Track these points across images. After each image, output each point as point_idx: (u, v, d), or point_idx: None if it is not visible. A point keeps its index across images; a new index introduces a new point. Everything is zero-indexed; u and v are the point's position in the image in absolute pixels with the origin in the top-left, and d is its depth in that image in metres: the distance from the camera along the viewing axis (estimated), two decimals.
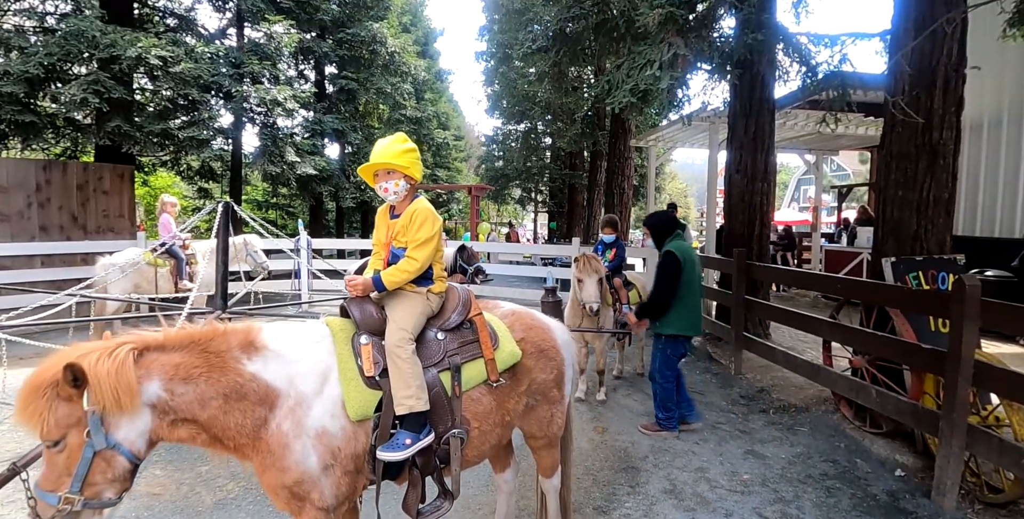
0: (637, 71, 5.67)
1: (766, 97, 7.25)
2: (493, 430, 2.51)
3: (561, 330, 2.90)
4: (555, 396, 2.76)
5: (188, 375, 1.97)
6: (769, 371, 6.19)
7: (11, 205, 8.80)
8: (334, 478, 2.12)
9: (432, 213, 2.50)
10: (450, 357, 2.43)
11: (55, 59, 8.89)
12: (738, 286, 6.19)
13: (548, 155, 22.96)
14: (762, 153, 7.27)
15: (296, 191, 16.13)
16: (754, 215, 7.35)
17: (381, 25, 15.38)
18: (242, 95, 11.07)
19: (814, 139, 11.29)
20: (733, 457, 4.24)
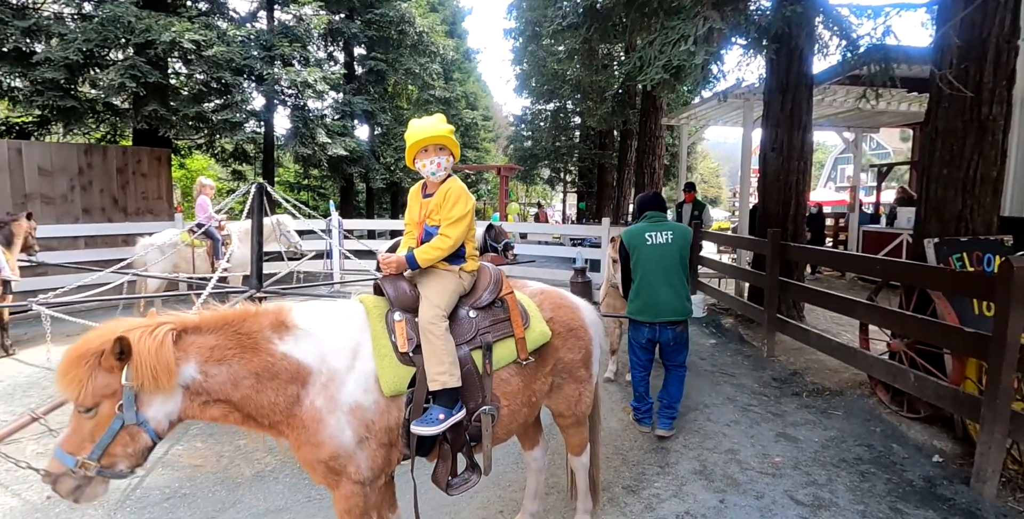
0: (670, 47, 5.52)
1: (804, 72, 7.01)
2: (521, 409, 2.55)
3: (589, 310, 2.92)
4: (582, 375, 2.78)
5: (222, 357, 2.03)
6: (803, 354, 6.10)
7: (55, 188, 9.10)
8: (369, 451, 2.18)
9: (465, 192, 2.52)
10: (482, 335, 2.45)
11: (93, 45, 9.06)
12: (772, 267, 6.08)
13: (577, 135, 22.68)
14: (799, 130, 7.06)
15: (327, 172, 16.31)
16: (789, 195, 7.17)
17: (409, 5, 15.28)
18: (273, 78, 11.16)
19: (853, 116, 10.91)
20: (765, 439, 4.20)
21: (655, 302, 4.13)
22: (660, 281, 4.14)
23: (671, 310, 4.11)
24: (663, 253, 4.15)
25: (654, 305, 4.14)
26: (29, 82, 9.48)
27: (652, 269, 4.17)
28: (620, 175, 18.51)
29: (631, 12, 7.77)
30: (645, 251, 4.21)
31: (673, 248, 4.16)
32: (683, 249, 4.17)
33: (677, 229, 4.23)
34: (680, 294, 4.13)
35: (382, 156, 15.95)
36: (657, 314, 4.13)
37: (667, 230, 4.21)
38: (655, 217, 4.32)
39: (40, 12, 10.36)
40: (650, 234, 4.21)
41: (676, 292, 4.12)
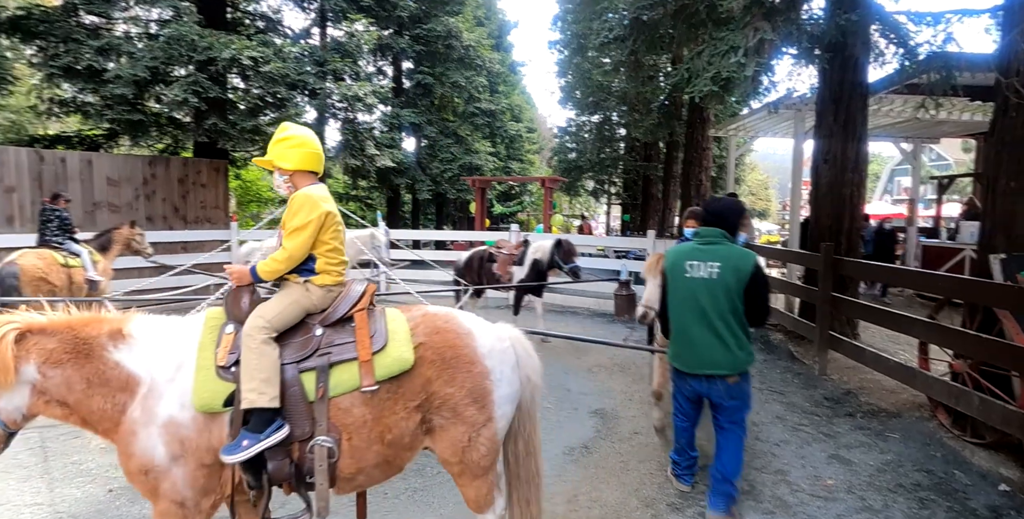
0: (719, 58, 5.46)
1: (858, 81, 6.82)
2: (371, 447, 2.23)
3: (492, 337, 2.44)
4: (473, 416, 2.30)
5: (59, 360, 2.08)
6: (857, 373, 5.87)
7: (122, 197, 9.59)
8: (187, 470, 2.08)
9: (310, 201, 2.33)
10: (320, 355, 2.24)
11: (159, 63, 9.55)
12: (824, 282, 5.89)
13: (622, 146, 22.57)
14: (853, 141, 6.86)
15: (375, 183, 16.67)
16: (843, 208, 6.96)
17: (456, 20, 15.58)
18: (325, 92, 11.52)
19: (911, 126, 10.53)
20: (816, 461, 4.06)
21: (692, 350, 3.22)
22: (697, 325, 3.16)
23: (713, 362, 3.14)
24: (703, 291, 3.13)
25: (691, 354, 3.22)
26: (100, 97, 10.04)
27: (686, 310, 3.21)
28: (666, 187, 18.30)
29: (678, 23, 7.74)
30: (680, 285, 3.23)
31: (718, 286, 3.09)
32: (734, 287, 3.07)
33: (729, 259, 3.10)
34: (727, 343, 3.11)
35: (428, 168, 16.22)
36: (695, 364, 3.21)
37: (714, 260, 3.11)
38: (708, 237, 3.19)
39: (112, 32, 11.00)
40: (691, 263, 3.18)
41: (721, 340, 3.11)
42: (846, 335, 6.23)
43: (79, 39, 9.95)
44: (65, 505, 3.37)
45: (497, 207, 23.36)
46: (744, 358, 3.17)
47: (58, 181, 8.91)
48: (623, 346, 4.69)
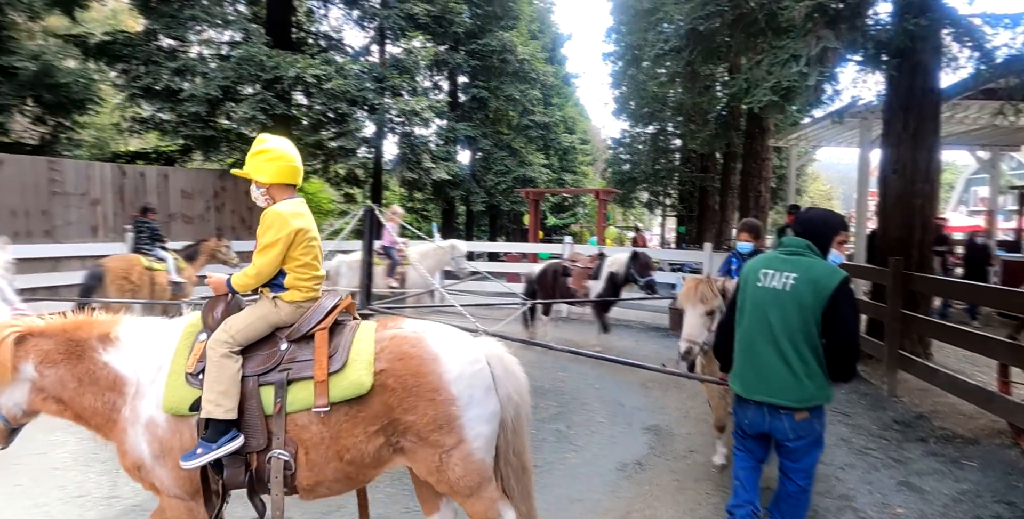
0: (779, 67, 5.33)
1: (929, 87, 6.51)
2: (328, 463, 2.26)
3: (462, 360, 2.36)
4: (441, 441, 2.26)
5: (53, 360, 2.27)
6: (929, 395, 5.55)
7: (194, 209, 10.13)
8: (168, 469, 2.22)
9: (280, 219, 2.34)
10: (280, 370, 2.27)
11: (230, 82, 10.09)
12: (893, 298, 5.62)
13: (677, 157, 22.25)
14: (924, 150, 6.54)
15: (430, 195, 16.99)
16: (913, 220, 6.63)
17: (511, 34, 15.79)
18: (384, 107, 11.88)
19: (988, 133, 9.97)
20: (884, 487, 3.86)
21: (755, 369, 2.71)
22: (764, 343, 2.68)
23: (775, 388, 2.62)
24: (773, 303, 2.65)
25: (752, 375, 2.72)
26: (176, 115, 10.67)
27: (754, 323, 2.73)
28: (723, 198, 17.90)
29: (735, 33, 7.61)
30: (750, 295, 2.76)
31: (790, 300, 2.60)
32: (810, 305, 2.56)
33: (810, 271, 2.60)
34: (794, 369, 2.58)
35: (482, 180, 16.43)
36: (755, 389, 2.70)
37: (791, 270, 2.64)
38: (792, 247, 2.75)
39: (187, 54, 11.69)
40: (766, 271, 2.72)
41: (787, 364, 2.59)
42: (917, 355, 5.91)
43: (158, 61, 10.62)
44: (139, 499, 3.55)
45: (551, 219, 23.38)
46: (814, 391, 2.58)
47: (138, 194, 9.49)
48: (662, 371, 4.04)
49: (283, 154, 2.44)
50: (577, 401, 5.71)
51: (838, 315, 2.55)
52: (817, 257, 2.69)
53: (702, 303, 3.73)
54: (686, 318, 3.77)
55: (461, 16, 14.99)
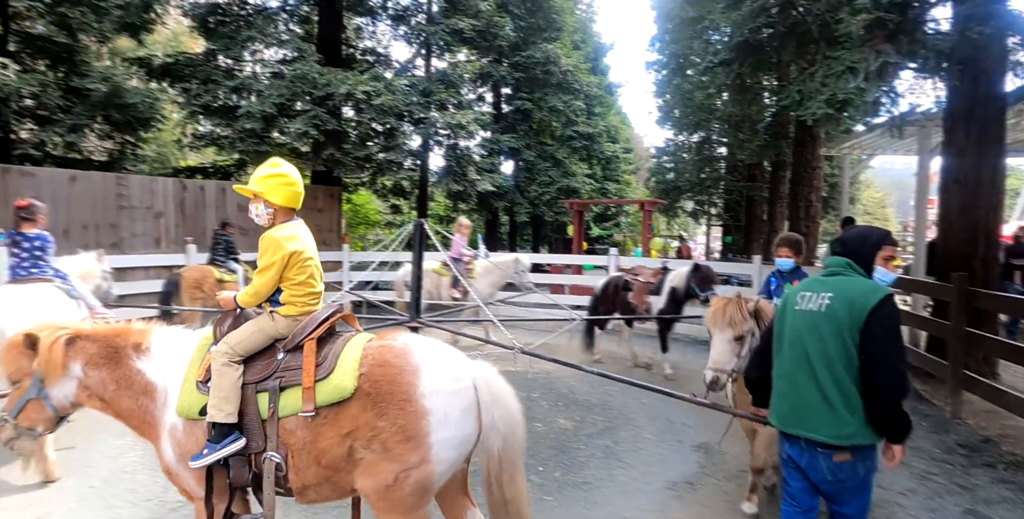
0: (834, 79, 5.21)
1: (993, 93, 6.24)
2: (309, 468, 2.37)
3: (443, 377, 2.39)
4: (403, 455, 2.27)
5: (97, 362, 2.54)
6: (997, 418, 5.30)
7: (249, 221, 10.47)
8: (190, 471, 2.41)
9: (275, 242, 2.51)
10: (275, 378, 2.43)
11: (284, 99, 10.47)
12: (957, 316, 5.39)
13: (723, 166, 21.88)
14: (988, 159, 6.28)
15: (474, 206, 17.17)
16: (977, 232, 6.36)
17: (554, 46, 15.89)
18: (430, 121, 12.11)
19: None
20: (949, 515, 3.70)
21: (792, 401, 2.45)
22: (801, 372, 2.40)
23: (809, 422, 2.35)
24: (808, 327, 2.40)
25: (790, 406, 2.46)
26: (233, 131, 11.11)
27: (791, 350, 2.47)
28: (771, 208, 17.49)
29: (786, 42, 7.48)
30: (787, 320, 2.52)
31: (825, 322, 2.33)
32: (847, 326, 2.28)
33: (846, 289, 2.35)
34: (831, 401, 2.30)
35: (526, 191, 16.52)
36: (790, 420, 2.44)
37: (828, 290, 2.40)
38: (830, 267, 2.52)
39: (243, 72, 12.19)
40: (804, 294, 2.49)
41: (823, 395, 2.32)
42: (983, 375, 5.65)
43: (216, 80, 11.12)
44: None
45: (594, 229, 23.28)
46: (856, 429, 2.26)
47: (198, 207, 9.92)
48: (691, 401, 3.55)
49: (296, 181, 2.65)
50: (624, 417, 5.67)
51: (874, 333, 2.25)
52: (858, 275, 2.45)
53: (730, 327, 3.37)
54: (713, 343, 3.44)
55: (504, 29, 15.17)
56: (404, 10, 13.92)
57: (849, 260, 2.49)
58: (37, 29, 10.85)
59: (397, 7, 13.90)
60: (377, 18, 14.18)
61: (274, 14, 12.88)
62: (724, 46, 8.32)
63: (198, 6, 12.15)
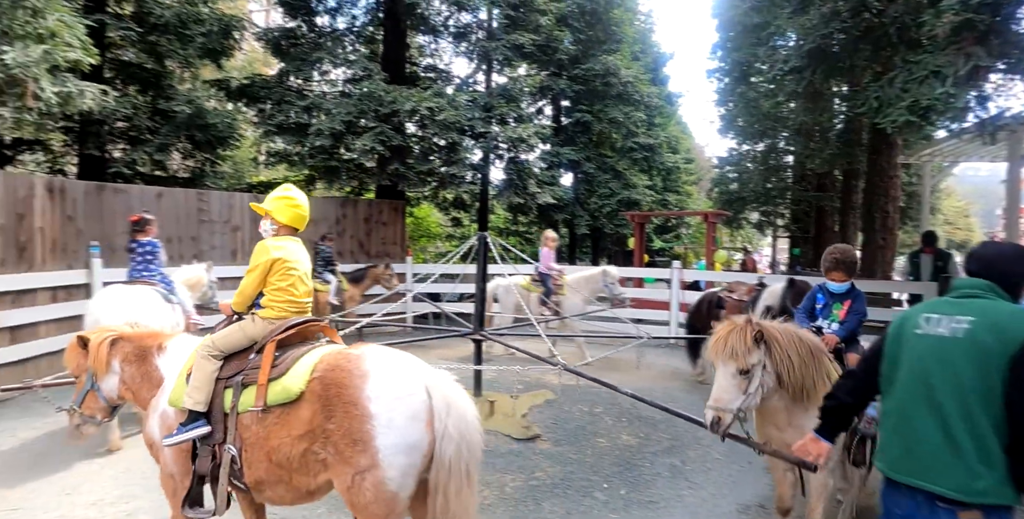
0: (916, 84, 4.96)
1: None
2: (261, 462, 2.54)
3: (392, 384, 2.45)
4: (352, 458, 2.36)
5: (130, 360, 3.01)
6: None
7: (318, 234, 10.89)
8: (169, 451, 2.76)
9: (263, 248, 2.86)
10: (240, 375, 2.66)
11: (352, 117, 10.86)
12: None
13: (790, 175, 21.13)
14: None
15: (534, 219, 17.23)
16: None
17: (614, 57, 15.84)
18: (491, 135, 12.28)
19: None
20: None
21: (906, 443, 2.04)
22: (921, 407, 2.01)
23: (934, 470, 1.94)
24: (937, 355, 2.00)
25: (904, 449, 2.05)
26: (304, 148, 11.59)
27: (909, 382, 2.06)
28: (844, 219, 16.76)
29: (860, 47, 7.18)
30: (906, 347, 2.10)
31: (963, 350, 1.94)
32: (994, 358, 1.88)
33: (991, 314, 1.96)
34: (962, 447, 1.89)
35: (586, 203, 16.46)
36: (906, 468, 2.02)
37: (965, 313, 1.99)
38: (966, 289, 2.10)
39: (313, 92, 12.73)
40: (929, 316, 2.08)
41: (950, 439, 1.91)
42: None
43: (289, 100, 11.65)
44: (281, 512, 3.83)
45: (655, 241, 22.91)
46: (992, 483, 1.84)
47: None
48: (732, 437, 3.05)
49: (301, 205, 3.01)
50: (691, 435, 5.53)
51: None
52: (1003, 300, 2.04)
53: (732, 360, 2.94)
54: (716, 378, 3.03)
55: (564, 43, 15.26)
56: (465, 27, 14.22)
57: (992, 283, 2.08)
58: (129, 57, 11.68)
59: (458, 25, 14.21)
60: (439, 36, 14.53)
61: (342, 35, 13.41)
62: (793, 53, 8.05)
63: (272, 31, 12.82)
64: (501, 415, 5.97)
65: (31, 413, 6.03)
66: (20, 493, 4.25)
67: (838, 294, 3.75)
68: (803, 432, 2.82)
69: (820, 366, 3.14)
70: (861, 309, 3.71)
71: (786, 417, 3.20)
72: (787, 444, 3.02)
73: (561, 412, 6.28)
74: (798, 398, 3.10)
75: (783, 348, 3.01)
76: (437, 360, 8.27)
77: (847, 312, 3.69)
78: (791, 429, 3.17)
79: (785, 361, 2.99)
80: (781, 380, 3.03)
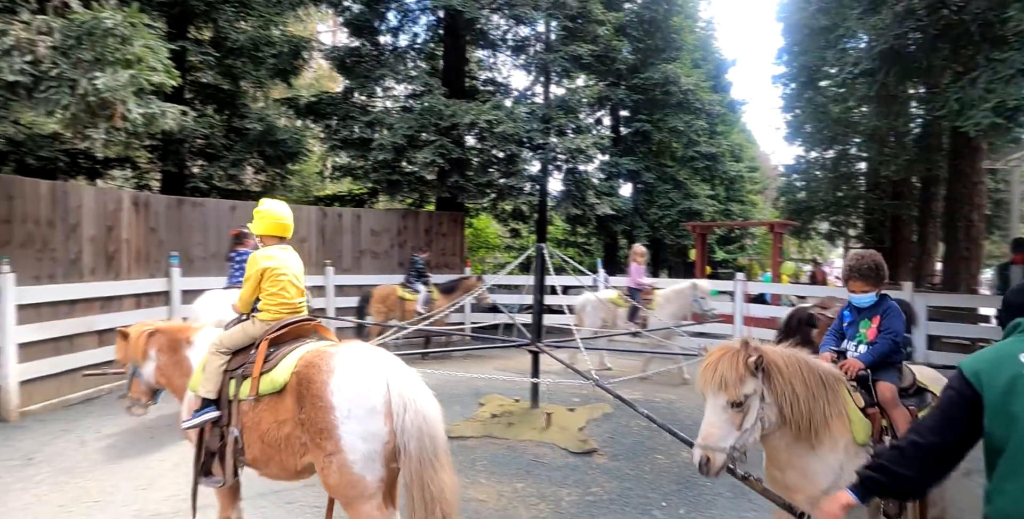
0: (1001, 84, 4.64)
1: None
2: (255, 444, 2.96)
3: (354, 380, 2.74)
4: (320, 443, 2.70)
5: (164, 350, 3.52)
6: None
7: (380, 245, 11.22)
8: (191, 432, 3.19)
9: (253, 260, 3.24)
10: (241, 368, 3.07)
11: (413, 131, 11.13)
12: None
13: (863, 183, 20.15)
14: None
15: (593, 230, 17.11)
16: None
17: (674, 66, 15.62)
18: (550, 146, 12.32)
19: None
20: None
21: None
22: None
23: None
24: None
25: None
26: (367, 162, 11.96)
27: None
28: (922, 229, 15.84)
29: (938, 47, 6.79)
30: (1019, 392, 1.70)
31: None
32: None
33: None
34: None
35: (646, 214, 16.22)
36: None
37: None
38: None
39: (375, 108, 13.14)
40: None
41: None
42: None
43: (353, 116, 12.07)
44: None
45: (718, 252, 22.30)
46: None
47: (335, 233, 10.74)
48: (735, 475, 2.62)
49: (272, 213, 3.32)
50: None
51: None
52: None
53: (723, 391, 2.50)
54: (706, 411, 2.59)
55: (622, 53, 15.17)
56: (523, 40, 14.36)
57: None
58: (207, 78, 12.41)
59: (516, 38, 14.37)
60: (498, 50, 14.74)
61: (404, 53, 13.81)
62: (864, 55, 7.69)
63: (337, 49, 13.32)
64: (558, 428, 5.91)
65: (114, 412, 6.44)
66: (101, 487, 4.53)
67: (864, 309, 3.16)
68: (806, 475, 2.67)
69: (834, 399, 2.69)
70: (894, 327, 3.02)
71: (787, 457, 2.72)
72: (787, 487, 2.73)
73: (619, 426, 6.16)
74: (804, 436, 2.64)
75: (785, 377, 2.58)
76: (494, 371, 8.29)
77: (877, 330, 3.07)
78: (792, 471, 2.72)
79: (788, 393, 2.56)
80: (783, 415, 2.58)
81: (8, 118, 5.89)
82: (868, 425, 2.78)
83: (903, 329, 3.08)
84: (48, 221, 6.73)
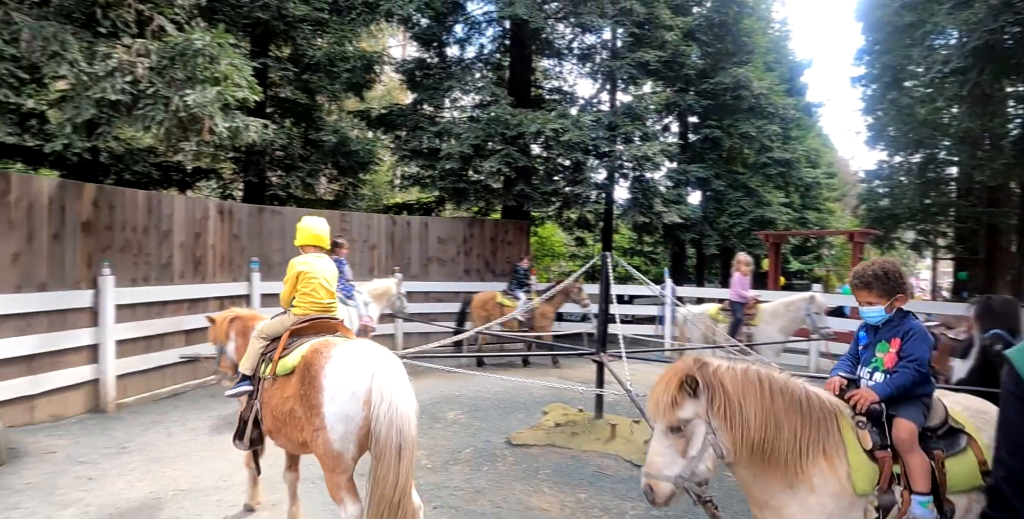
0: None
1: None
2: (269, 416, 3.52)
3: (347, 369, 3.15)
4: (311, 418, 3.14)
5: (240, 333, 4.26)
6: None
7: (447, 253, 11.42)
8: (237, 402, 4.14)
9: (291, 265, 3.84)
10: (271, 353, 3.61)
11: (480, 140, 11.29)
12: None
13: (953, 189, 18.86)
14: None
15: (660, 239, 16.80)
16: None
17: (745, 69, 15.19)
18: (616, 154, 12.21)
19: None
20: None
21: None
22: None
23: None
24: None
25: None
26: (435, 171, 12.22)
27: None
28: (1022, 238, 14.66)
29: None
30: None
31: None
32: None
33: None
34: None
35: (715, 222, 15.79)
36: None
37: None
38: None
39: (443, 118, 13.43)
40: None
41: None
42: None
43: (422, 127, 12.38)
44: None
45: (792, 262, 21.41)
46: None
47: (404, 240, 11.03)
48: None
49: (307, 227, 3.96)
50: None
51: None
52: None
53: (660, 416, 2.29)
54: (652, 440, 2.37)
55: (691, 58, 14.89)
56: (589, 48, 14.34)
57: None
58: (285, 93, 13.06)
59: (582, 46, 14.36)
60: (564, 59, 14.76)
61: (471, 64, 14.07)
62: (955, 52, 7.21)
63: (407, 63, 13.73)
64: (622, 439, 5.81)
65: (199, 406, 6.83)
66: (187, 477, 4.81)
67: (881, 328, 2.60)
68: (782, 516, 2.31)
69: (820, 434, 2.31)
70: (917, 353, 2.44)
71: (759, 493, 2.39)
72: None
73: None
74: (772, 471, 2.31)
75: (733, 399, 2.26)
76: (554, 380, 8.21)
77: (897, 356, 2.49)
78: (768, 511, 2.38)
79: (735, 417, 2.24)
80: (735, 442, 2.27)
81: (111, 134, 6.38)
82: (874, 471, 2.30)
83: (928, 356, 2.47)
84: (144, 228, 7.26)
